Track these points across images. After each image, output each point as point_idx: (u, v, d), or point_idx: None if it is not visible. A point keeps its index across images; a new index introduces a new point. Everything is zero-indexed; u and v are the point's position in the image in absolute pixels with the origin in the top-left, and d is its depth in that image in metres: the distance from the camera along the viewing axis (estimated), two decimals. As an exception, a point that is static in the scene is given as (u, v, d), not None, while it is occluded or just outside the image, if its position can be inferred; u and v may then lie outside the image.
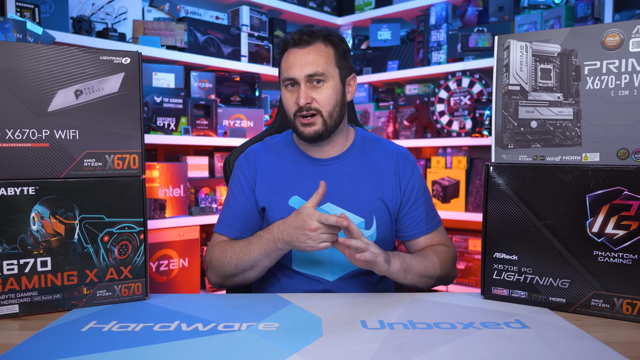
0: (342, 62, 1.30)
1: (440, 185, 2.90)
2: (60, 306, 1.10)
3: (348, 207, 1.31)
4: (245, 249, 1.25)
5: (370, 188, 1.33)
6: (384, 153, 1.38)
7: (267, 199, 1.33)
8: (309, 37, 1.27)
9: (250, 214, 1.35)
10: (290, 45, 1.29)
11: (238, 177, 1.38)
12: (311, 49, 1.27)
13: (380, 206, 1.33)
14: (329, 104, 1.27)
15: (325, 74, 1.26)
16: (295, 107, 1.27)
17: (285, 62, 1.29)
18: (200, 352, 0.88)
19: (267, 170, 1.36)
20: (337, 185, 1.32)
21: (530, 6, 2.67)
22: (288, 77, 1.27)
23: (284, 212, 1.30)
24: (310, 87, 1.26)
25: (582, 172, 1.08)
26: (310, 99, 1.26)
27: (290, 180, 1.34)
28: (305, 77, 1.25)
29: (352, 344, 0.92)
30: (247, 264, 1.25)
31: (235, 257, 1.26)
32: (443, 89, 2.94)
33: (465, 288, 2.87)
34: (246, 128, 2.85)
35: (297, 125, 1.29)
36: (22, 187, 1.06)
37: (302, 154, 1.37)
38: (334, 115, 1.28)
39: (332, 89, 1.27)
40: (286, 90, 1.30)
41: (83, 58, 1.10)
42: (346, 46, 1.33)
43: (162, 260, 2.49)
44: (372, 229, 1.32)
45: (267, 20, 3.06)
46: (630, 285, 1.05)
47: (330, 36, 1.30)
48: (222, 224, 1.36)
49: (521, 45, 1.15)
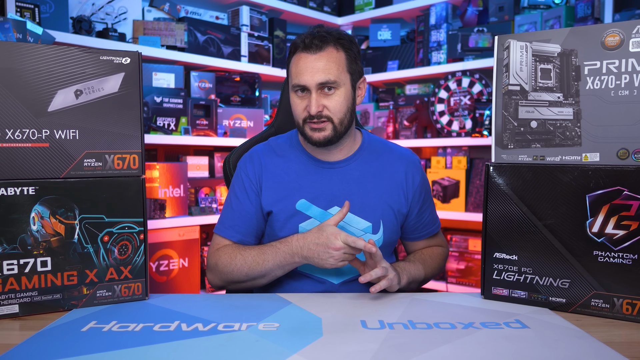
0: (353, 66, 1.28)
1: (440, 185, 2.90)
2: (60, 306, 1.10)
3: (355, 211, 1.30)
4: (259, 258, 1.24)
5: (378, 192, 1.32)
6: (393, 158, 1.37)
7: (274, 202, 1.31)
8: (320, 42, 1.23)
9: (254, 218, 1.32)
10: (300, 49, 1.25)
11: (242, 180, 1.34)
12: (322, 54, 1.23)
13: (388, 211, 1.32)
14: (340, 111, 1.25)
15: (337, 82, 1.23)
16: (305, 114, 1.25)
17: (296, 67, 1.25)
18: (200, 352, 0.88)
19: (273, 173, 1.33)
20: (345, 189, 1.31)
21: (530, 6, 2.67)
22: (299, 83, 1.24)
23: (290, 215, 1.29)
24: (322, 94, 1.24)
25: (582, 172, 1.08)
26: (322, 107, 1.23)
27: (297, 184, 1.31)
28: (316, 85, 1.22)
29: (352, 344, 0.92)
30: (258, 273, 1.24)
31: (246, 266, 1.25)
32: (443, 89, 2.94)
33: (465, 288, 2.87)
34: (246, 128, 2.85)
35: (307, 131, 1.26)
36: (22, 187, 1.06)
37: (309, 156, 1.34)
38: (344, 122, 1.27)
39: (343, 96, 1.25)
40: (295, 95, 1.27)
41: (83, 58, 1.10)
42: (357, 49, 1.30)
43: (162, 260, 2.49)
44: (379, 233, 1.32)
45: (267, 20, 3.06)
46: (630, 285, 1.05)
47: (342, 39, 1.26)
48: (224, 226, 1.34)
49: (521, 45, 1.15)
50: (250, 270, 1.24)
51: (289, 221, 1.30)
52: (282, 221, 1.30)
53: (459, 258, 2.92)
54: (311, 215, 1.29)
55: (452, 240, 2.97)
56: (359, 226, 1.30)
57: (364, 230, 1.30)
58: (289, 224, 1.30)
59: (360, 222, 1.30)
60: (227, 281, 1.29)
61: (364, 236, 1.31)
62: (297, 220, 1.29)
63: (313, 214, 1.29)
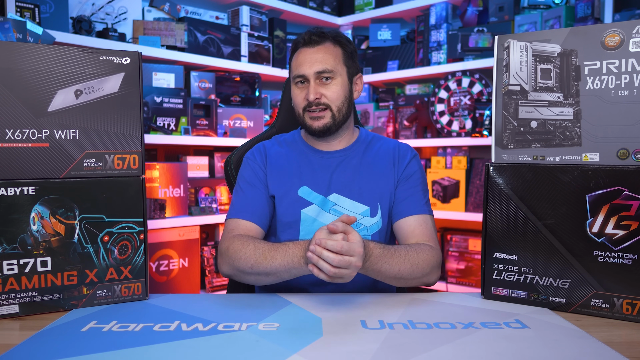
0: (349, 61, 1.37)
1: (440, 185, 2.90)
2: (60, 306, 1.10)
3: (353, 196, 1.35)
4: (268, 253, 1.18)
5: (374, 179, 1.38)
6: (386, 148, 1.43)
7: (277, 188, 1.37)
8: (318, 37, 1.34)
9: (266, 200, 1.37)
10: (300, 45, 1.36)
11: (251, 167, 1.40)
12: (320, 48, 1.34)
13: (385, 194, 1.37)
14: (337, 99, 1.33)
15: (334, 71, 1.33)
16: (305, 102, 1.33)
17: (296, 61, 1.35)
18: (200, 352, 0.88)
19: (276, 162, 1.40)
20: (343, 176, 1.37)
21: (530, 6, 2.67)
22: (298, 74, 1.34)
23: (293, 201, 1.34)
24: (320, 83, 1.33)
25: (582, 172, 1.08)
26: (320, 94, 1.32)
27: (299, 171, 1.38)
28: (314, 74, 1.32)
29: (352, 344, 0.92)
30: (263, 269, 1.18)
31: (253, 257, 1.19)
32: (443, 89, 2.94)
33: (465, 288, 2.87)
34: (246, 128, 2.85)
35: (306, 120, 1.35)
36: (22, 187, 1.06)
37: (310, 148, 1.42)
38: (342, 110, 1.35)
39: (340, 85, 1.34)
40: (296, 87, 1.36)
41: (83, 58, 1.10)
42: (353, 47, 1.40)
43: (162, 260, 2.49)
44: (377, 216, 1.35)
45: (267, 20, 3.05)
46: (630, 285, 1.05)
47: (339, 37, 1.37)
48: (237, 210, 1.33)
49: (521, 45, 1.15)
50: (257, 263, 1.18)
51: (291, 206, 1.35)
52: (285, 206, 1.35)
53: (459, 258, 2.92)
54: (312, 201, 1.35)
55: (452, 240, 2.97)
56: (357, 210, 1.35)
57: (362, 214, 1.35)
58: (291, 209, 1.35)
59: (359, 207, 1.35)
60: (234, 268, 1.23)
61: (362, 220, 1.35)
62: (299, 206, 1.35)
63: (314, 200, 1.35)
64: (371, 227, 1.35)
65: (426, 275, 1.24)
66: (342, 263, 1.02)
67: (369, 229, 1.35)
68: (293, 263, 1.14)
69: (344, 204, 1.35)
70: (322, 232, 1.08)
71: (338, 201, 1.35)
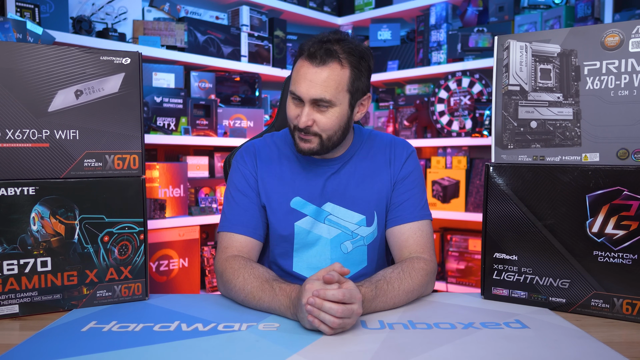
0: (357, 84, 1.22)
1: (440, 185, 2.90)
2: (60, 306, 1.10)
3: (348, 206, 1.31)
4: (257, 294, 1.12)
5: (370, 184, 1.32)
6: (381, 145, 1.37)
7: (269, 199, 1.30)
8: (325, 55, 1.17)
9: (258, 209, 1.30)
10: (304, 55, 1.20)
11: (241, 172, 1.32)
12: (324, 69, 1.18)
13: (382, 202, 1.31)
14: (330, 129, 1.22)
15: (332, 101, 1.19)
16: (296, 121, 1.23)
17: (297, 74, 1.21)
18: (200, 352, 0.88)
19: (268, 167, 1.32)
20: (337, 184, 1.31)
21: (530, 6, 2.67)
22: (294, 92, 1.21)
23: (286, 213, 1.28)
24: (315, 109, 1.20)
25: (582, 172, 1.08)
26: (312, 121, 1.20)
27: (291, 179, 1.31)
28: (310, 99, 1.19)
29: (352, 344, 0.92)
30: (253, 307, 1.14)
31: (242, 294, 1.14)
32: (443, 89, 2.94)
33: (465, 288, 2.87)
34: (246, 128, 2.85)
35: (295, 138, 1.25)
36: (22, 187, 1.06)
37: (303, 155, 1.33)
38: (333, 138, 1.24)
39: (336, 115, 1.21)
40: (291, 100, 1.24)
41: (83, 58, 1.10)
42: (366, 65, 1.23)
43: (162, 260, 2.49)
44: (374, 225, 1.31)
45: (267, 20, 3.06)
46: (630, 285, 1.05)
47: (352, 54, 1.20)
48: (231, 222, 1.28)
49: (521, 45, 1.15)
50: (246, 300, 1.15)
51: (284, 219, 1.29)
52: (278, 218, 1.29)
53: (459, 258, 2.92)
54: (306, 213, 1.29)
55: (452, 240, 2.97)
56: (352, 220, 1.30)
57: (357, 223, 1.30)
58: (284, 222, 1.29)
59: (354, 216, 1.30)
60: (229, 297, 1.22)
61: (358, 229, 1.30)
62: (292, 219, 1.29)
63: (308, 211, 1.29)
64: (367, 237, 1.30)
65: (422, 294, 1.22)
66: (346, 312, 0.95)
67: (365, 239, 1.31)
68: (280, 310, 1.08)
69: (338, 213, 1.29)
70: (315, 283, 0.99)
71: (333, 211, 1.29)
